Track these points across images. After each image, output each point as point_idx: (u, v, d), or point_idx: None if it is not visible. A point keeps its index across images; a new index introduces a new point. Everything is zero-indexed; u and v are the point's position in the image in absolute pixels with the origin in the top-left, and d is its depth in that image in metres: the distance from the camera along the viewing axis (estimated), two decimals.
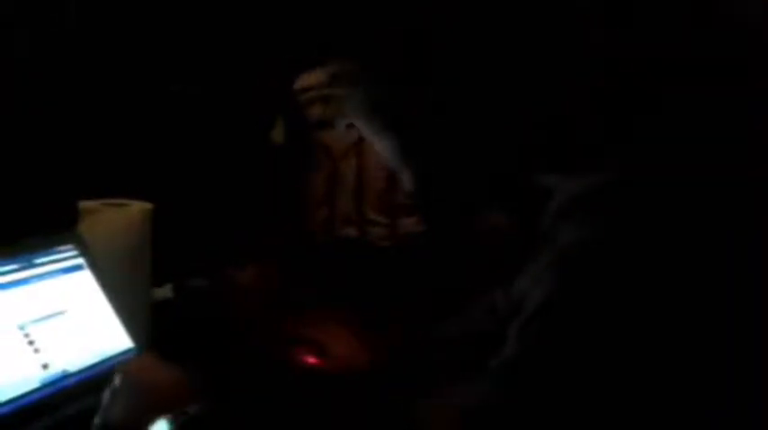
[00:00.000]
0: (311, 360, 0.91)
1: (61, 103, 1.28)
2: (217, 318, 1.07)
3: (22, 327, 0.80)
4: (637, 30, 0.50)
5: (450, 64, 0.51)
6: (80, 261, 0.92)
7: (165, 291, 1.15)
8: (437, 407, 0.76)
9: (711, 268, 0.43)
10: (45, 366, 0.80)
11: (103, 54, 1.34)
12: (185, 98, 1.48)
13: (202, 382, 0.68)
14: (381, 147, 0.58)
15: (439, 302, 1.13)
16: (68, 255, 0.91)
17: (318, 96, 1.45)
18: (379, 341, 0.93)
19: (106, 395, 0.71)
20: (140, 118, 1.39)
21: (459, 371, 0.84)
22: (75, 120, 1.29)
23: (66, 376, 0.81)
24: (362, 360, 0.90)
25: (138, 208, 1.03)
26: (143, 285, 1.04)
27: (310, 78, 1.47)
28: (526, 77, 0.51)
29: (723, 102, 0.48)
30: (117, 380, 0.71)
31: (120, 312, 0.92)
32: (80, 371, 0.83)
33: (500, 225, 0.70)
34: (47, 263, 0.88)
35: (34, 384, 0.78)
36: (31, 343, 0.80)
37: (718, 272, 0.43)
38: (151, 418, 0.64)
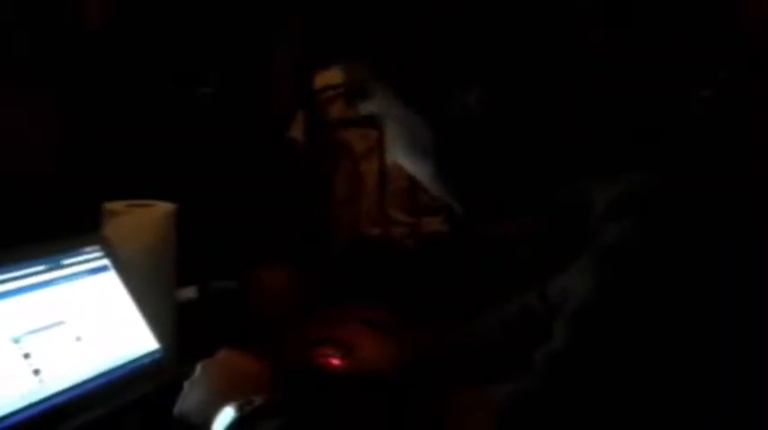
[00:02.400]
0: (336, 361, 0.91)
1: (86, 105, 1.28)
2: (242, 320, 1.07)
3: (49, 327, 0.81)
4: (638, 30, 0.51)
5: (470, 71, 0.52)
6: (106, 262, 0.93)
7: (189, 293, 1.15)
8: (469, 402, 0.76)
9: (756, 264, 0.44)
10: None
11: (127, 55, 1.35)
12: (207, 98, 1.48)
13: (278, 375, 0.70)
14: (423, 176, 0.59)
15: (465, 302, 1.13)
16: (94, 257, 0.92)
17: (340, 94, 1.44)
18: (405, 341, 0.92)
19: (186, 385, 0.73)
20: (163, 119, 1.39)
21: (487, 371, 0.83)
22: (99, 121, 1.29)
23: (92, 378, 0.81)
24: (388, 361, 0.89)
25: (162, 208, 1.03)
26: (168, 286, 1.04)
27: (331, 76, 1.46)
28: (548, 80, 0.52)
29: (733, 101, 0.49)
30: (197, 371, 0.74)
31: (146, 313, 0.92)
32: (106, 373, 0.83)
33: (528, 227, 0.70)
34: (73, 264, 0.88)
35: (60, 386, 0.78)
36: (57, 343, 0.80)
37: (761, 268, 0.44)
38: (222, 405, 0.65)
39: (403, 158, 0.59)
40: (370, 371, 0.88)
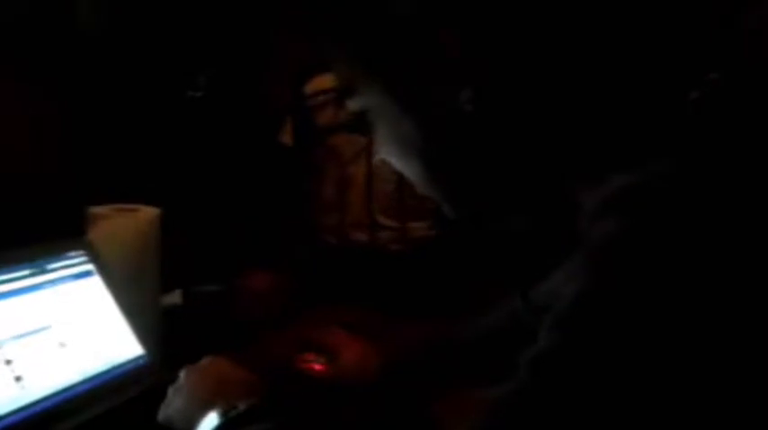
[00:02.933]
0: (318, 367, 0.91)
1: (71, 109, 1.28)
2: (226, 324, 1.07)
3: (32, 333, 0.80)
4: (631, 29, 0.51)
5: (462, 70, 0.52)
6: (90, 267, 0.92)
7: (174, 297, 1.14)
8: (455, 404, 0.76)
9: (744, 267, 0.44)
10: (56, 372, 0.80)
11: (119, 58, 1.35)
12: (194, 102, 1.48)
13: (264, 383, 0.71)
14: (413, 175, 0.59)
15: (452, 304, 1.13)
16: (79, 261, 0.91)
17: (331, 99, 1.45)
18: (390, 345, 0.92)
19: (170, 391, 0.73)
20: (149, 123, 1.39)
21: (474, 373, 0.84)
22: (84, 125, 1.29)
23: (76, 384, 0.81)
24: (371, 367, 0.89)
25: (147, 213, 1.03)
26: (152, 291, 1.04)
27: (322, 81, 1.47)
28: (567, 87, 0.52)
29: (723, 101, 0.49)
30: (181, 377, 0.74)
31: (130, 318, 0.92)
32: (90, 379, 0.83)
33: (517, 229, 0.70)
34: (58, 268, 0.88)
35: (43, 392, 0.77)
36: (40, 349, 0.80)
37: (750, 271, 0.44)
38: (206, 412, 0.65)
39: (392, 156, 0.59)
40: (352, 377, 0.88)
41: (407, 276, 1.38)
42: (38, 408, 0.76)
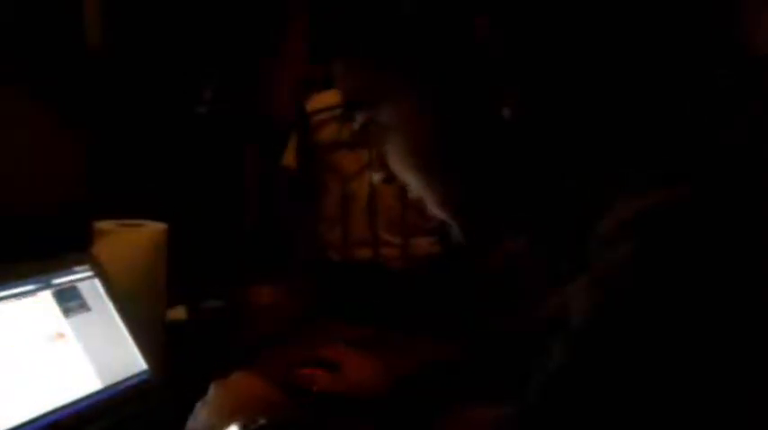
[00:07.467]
0: (320, 381, 0.91)
1: (77, 125, 1.29)
2: (231, 340, 1.07)
3: (37, 347, 0.80)
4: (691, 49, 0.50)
5: (510, 85, 0.51)
6: (96, 282, 0.93)
7: (178, 313, 1.14)
8: (464, 420, 0.76)
9: (759, 298, 0.43)
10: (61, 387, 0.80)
11: (120, 74, 1.36)
12: (199, 118, 1.49)
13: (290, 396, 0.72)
14: (429, 193, 0.57)
15: (458, 321, 1.13)
16: (84, 276, 0.92)
17: (332, 117, 1.46)
18: (394, 360, 0.92)
19: (198, 405, 0.74)
20: (154, 138, 1.40)
21: (479, 391, 0.83)
22: (90, 141, 1.30)
23: (80, 399, 0.81)
24: (375, 382, 0.89)
25: (152, 228, 1.04)
26: (157, 306, 1.04)
27: (324, 99, 1.48)
28: (591, 95, 0.51)
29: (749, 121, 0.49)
30: (210, 390, 0.74)
31: (135, 334, 0.92)
32: (94, 394, 0.83)
33: (521, 250, 0.70)
34: (63, 283, 0.88)
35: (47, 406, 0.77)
36: (45, 363, 0.80)
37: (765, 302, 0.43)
38: (228, 425, 0.66)
39: (408, 171, 0.56)
40: (355, 392, 0.88)
41: (410, 293, 1.39)
42: (42, 423, 0.75)
